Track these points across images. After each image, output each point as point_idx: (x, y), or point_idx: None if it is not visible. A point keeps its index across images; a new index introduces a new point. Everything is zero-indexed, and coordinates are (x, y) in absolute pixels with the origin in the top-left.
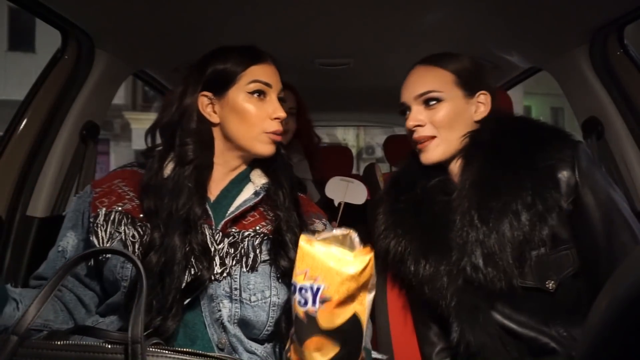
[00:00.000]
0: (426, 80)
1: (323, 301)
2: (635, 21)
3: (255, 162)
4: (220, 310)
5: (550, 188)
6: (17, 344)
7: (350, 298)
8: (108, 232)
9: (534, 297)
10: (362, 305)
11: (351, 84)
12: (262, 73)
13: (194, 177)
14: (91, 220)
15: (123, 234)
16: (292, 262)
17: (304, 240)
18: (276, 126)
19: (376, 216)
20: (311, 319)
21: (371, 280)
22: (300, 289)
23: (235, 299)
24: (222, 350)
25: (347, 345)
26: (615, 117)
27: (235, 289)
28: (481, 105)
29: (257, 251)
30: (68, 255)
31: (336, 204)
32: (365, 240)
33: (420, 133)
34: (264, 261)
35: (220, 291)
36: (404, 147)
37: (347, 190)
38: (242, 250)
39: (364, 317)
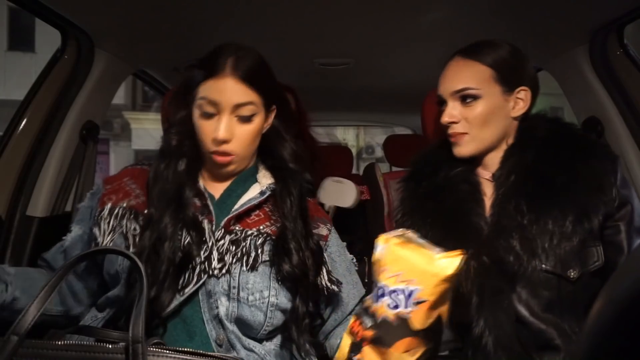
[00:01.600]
0: (464, 75)
1: (417, 303)
2: (635, 21)
3: (261, 163)
4: (217, 307)
5: (599, 193)
6: (17, 344)
7: (442, 298)
8: (110, 225)
9: (554, 285)
10: (447, 303)
11: (351, 84)
12: (209, 90)
13: (184, 165)
14: (96, 214)
15: (124, 227)
16: (293, 267)
17: (394, 243)
18: (218, 148)
19: (400, 200)
20: (403, 321)
21: (457, 276)
22: (392, 292)
23: (233, 297)
24: (220, 346)
25: (433, 342)
26: (615, 117)
27: (234, 287)
28: (520, 101)
29: (259, 251)
30: (65, 245)
31: (326, 208)
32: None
33: (454, 129)
34: (265, 262)
35: (218, 288)
36: (404, 147)
37: (337, 193)
38: (244, 249)
39: (446, 314)
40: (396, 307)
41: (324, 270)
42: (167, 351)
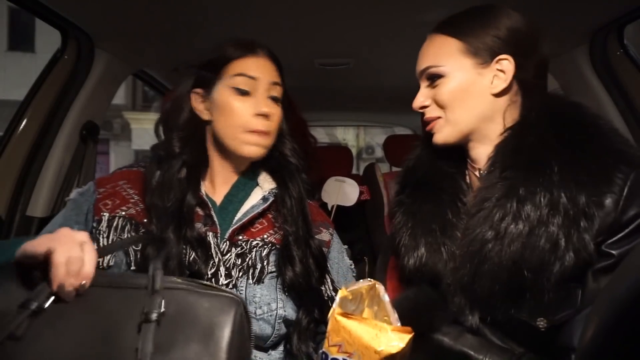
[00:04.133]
0: (428, 53)
1: None
2: (635, 21)
3: (261, 165)
4: None
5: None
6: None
7: None
8: (110, 240)
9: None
10: None
11: (351, 84)
12: (247, 66)
13: (185, 172)
14: (94, 225)
15: None
16: (298, 275)
17: (339, 313)
18: (259, 124)
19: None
20: None
21: (406, 355)
22: (332, 359)
23: None
24: None
25: None
26: (615, 117)
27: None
28: (501, 73)
29: (265, 262)
30: None
31: (329, 207)
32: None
33: (427, 114)
34: (271, 272)
35: None
36: (404, 147)
37: (339, 192)
38: (250, 262)
39: None
40: None
41: (329, 280)
42: (180, 280)
